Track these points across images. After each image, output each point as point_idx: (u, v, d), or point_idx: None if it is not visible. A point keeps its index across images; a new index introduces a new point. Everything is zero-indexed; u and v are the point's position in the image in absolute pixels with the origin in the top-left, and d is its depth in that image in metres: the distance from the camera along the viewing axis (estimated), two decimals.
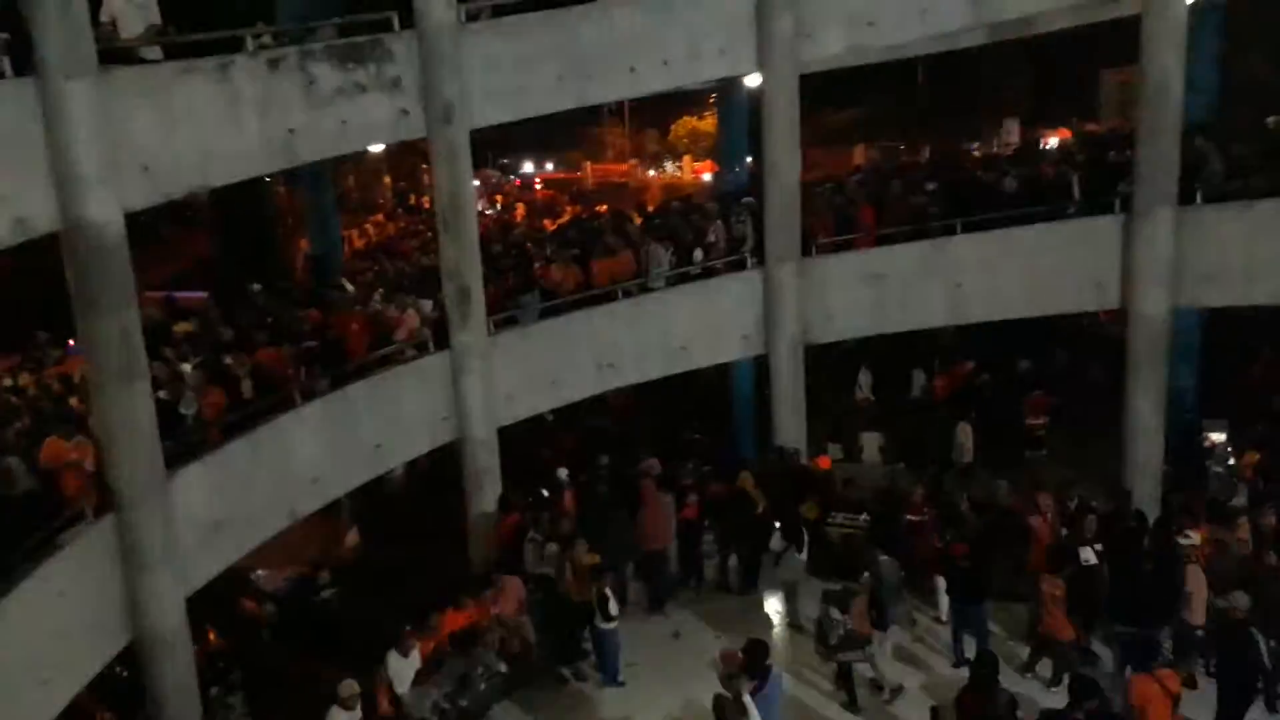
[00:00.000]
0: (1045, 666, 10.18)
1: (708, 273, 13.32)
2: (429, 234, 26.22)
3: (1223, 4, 14.04)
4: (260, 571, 11.91)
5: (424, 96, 11.00)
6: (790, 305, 13.26)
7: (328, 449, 10.57)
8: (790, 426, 13.58)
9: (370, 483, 11.74)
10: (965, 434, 14.01)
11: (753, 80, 13.82)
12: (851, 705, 10.11)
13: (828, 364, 15.14)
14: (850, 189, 15.00)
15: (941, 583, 11.07)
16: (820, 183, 15.49)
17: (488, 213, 34.05)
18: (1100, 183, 13.05)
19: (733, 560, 12.31)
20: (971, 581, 10.44)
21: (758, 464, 13.12)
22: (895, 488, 12.37)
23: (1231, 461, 13.07)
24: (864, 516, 11.78)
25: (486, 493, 12.14)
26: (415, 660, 9.89)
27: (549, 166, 46.06)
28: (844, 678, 10.19)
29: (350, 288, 13.08)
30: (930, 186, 13.98)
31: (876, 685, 10.29)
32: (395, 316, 11.80)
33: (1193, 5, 11.89)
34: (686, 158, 44.06)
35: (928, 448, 14.24)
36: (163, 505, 8.70)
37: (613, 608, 10.57)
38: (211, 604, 10.38)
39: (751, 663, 8.46)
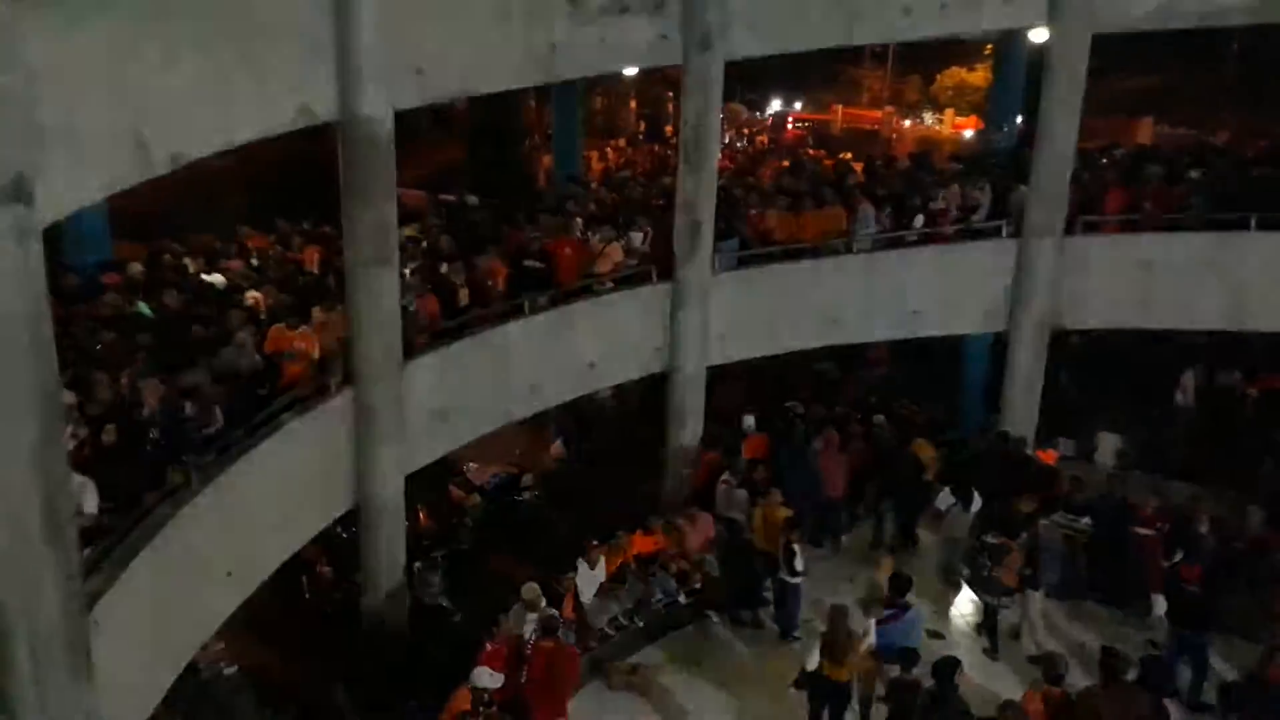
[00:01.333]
0: None
1: (926, 239, 12.50)
2: (660, 164, 26.27)
3: None
4: (471, 464, 12.63)
5: (685, 22, 10.86)
6: (1044, 283, 12.26)
7: (546, 360, 10.93)
8: (1021, 412, 12.71)
9: (580, 400, 12.08)
10: None
11: (1037, 35, 12.65)
12: (992, 652, 10.34)
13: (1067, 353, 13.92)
14: (1101, 166, 13.59)
15: (1160, 604, 10.12)
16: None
17: (738, 145, 33.71)
18: None
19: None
20: (1198, 609, 9.49)
21: (977, 444, 12.51)
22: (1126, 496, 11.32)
23: None
24: (1086, 520, 10.89)
25: (687, 427, 12.21)
26: (601, 573, 10.23)
27: (797, 106, 44.81)
28: (988, 624, 10.47)
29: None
30: (1194, 174, 12.40)
31: (1017, 636, 10.41)
32: (599, 247, 11.66)
33: None
34: (949, 111, 41.53)
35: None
36: (397, 387, 9.33)
37: (799, 563, 10.44)
38: (425, 487, 11.16)
39: (891, 592, 9.02)
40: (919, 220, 12.59)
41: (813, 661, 8.74)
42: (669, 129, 31.89)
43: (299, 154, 12.38)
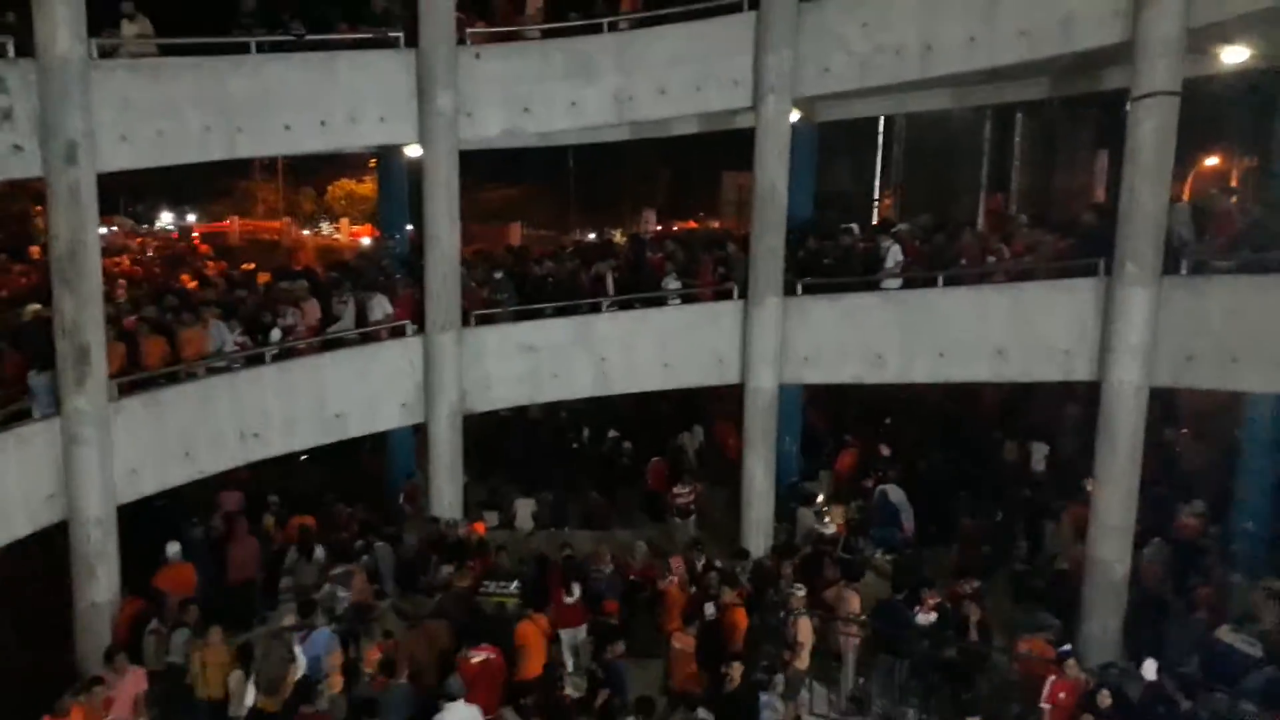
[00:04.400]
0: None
1: (288, 352, 12.52)
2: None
3: (816, 125, 16.56)
4: None
5: (42, 132, 10.08)
6: (451, 373, 13.37)
7: None
8: (448, 495, 13.58)
9: None
10: None
11: (413, 151, 13.99)
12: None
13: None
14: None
15: (572, 636, 11.36)
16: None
17: (147, 255, 30.80)
18: (643, 280, 14.56)
19: None
20: (615, 635, 10.98)
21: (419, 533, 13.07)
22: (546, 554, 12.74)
23: (829, 520, 14.81)
24: (515, 584, 11.94)
25: (101, 580, 10.88)
26: None
27: (191, 218, 42.61)
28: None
29: None
30: (497, 275, 14.63)
31: None
32: None
33: (795, 124, 13.91)
34: (344, 220, 42.90)
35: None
36: None
37: (250, 697, 9.81)
38: None
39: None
40: (275, 334, 12.59)
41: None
42: (34, 249, 27.85)
43: None
